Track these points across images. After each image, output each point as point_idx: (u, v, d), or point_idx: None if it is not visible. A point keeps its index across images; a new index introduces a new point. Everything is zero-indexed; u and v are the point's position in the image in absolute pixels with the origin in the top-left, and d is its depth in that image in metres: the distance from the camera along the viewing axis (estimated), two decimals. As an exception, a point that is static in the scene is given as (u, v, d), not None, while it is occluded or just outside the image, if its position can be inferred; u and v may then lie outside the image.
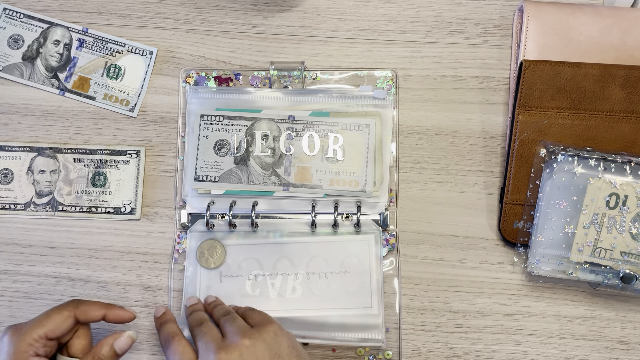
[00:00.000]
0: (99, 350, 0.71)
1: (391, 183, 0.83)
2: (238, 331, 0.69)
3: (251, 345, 0.68)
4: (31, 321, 0.70)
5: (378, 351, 0.81)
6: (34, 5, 0.88)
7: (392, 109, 0.84)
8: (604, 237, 0.78)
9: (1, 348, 0.69)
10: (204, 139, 0.82)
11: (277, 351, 0.69)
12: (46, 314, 0.70)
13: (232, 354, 0.67)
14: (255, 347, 0.68)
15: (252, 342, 0.68)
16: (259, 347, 0.68)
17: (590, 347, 0.82)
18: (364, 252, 0.81)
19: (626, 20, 0.83)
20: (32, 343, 0.68)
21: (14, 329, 0.69)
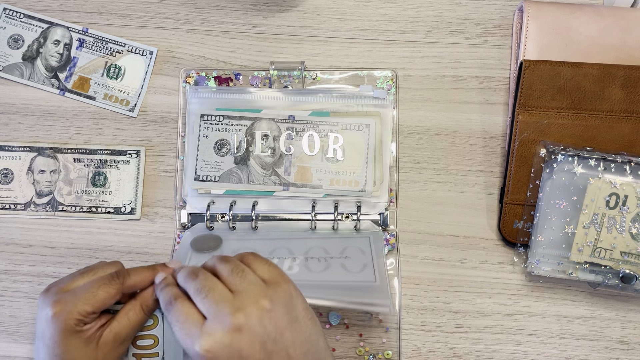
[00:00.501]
0: (146, 299, 0.69)
1: (391, 183, 0.83)
2: (253, 289, 0.62)
3: (271, 308, 0.61)
4: (75, 296, 0.66)
5: (378, 351, 0.81)
6: (34, 5, 0.88)
7: (392, 109, 0.84)
8: (604, 237, 0.78)
9: (45, 324, 0.66)
10: (204, 138, 0.82)
11: (294, 315, 0.63)
12: (91, 291, 0.66)
13: (251, 318, 0.60)
14: (274, 310, 0.61)
15: (272, 304, 0.61)
16: (278, 311, 0.61)
17: (590, 347, 0.82)
18: (365, 244, 0.80)
19: (626, 20, 0.83)
20: (79, 318, 0.65)
21: (58, 305, 0.65)
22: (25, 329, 0.83)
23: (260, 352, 0.60)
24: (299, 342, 0.62)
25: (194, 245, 0.79)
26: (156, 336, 0.71)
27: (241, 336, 0.59)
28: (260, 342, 0.60)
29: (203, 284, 0.63)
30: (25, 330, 0.83)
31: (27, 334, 0.83)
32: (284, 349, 0.61)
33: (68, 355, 0.66)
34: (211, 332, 0.59)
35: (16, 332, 0.83)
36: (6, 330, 0.83)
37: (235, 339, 0.59)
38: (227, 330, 0.59)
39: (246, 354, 0.59)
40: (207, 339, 0.59)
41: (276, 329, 0.61)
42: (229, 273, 0.64)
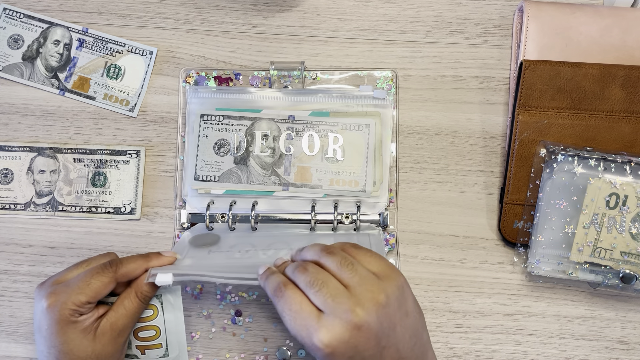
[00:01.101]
0: (140, 286, 0.69)
1: (391, 183, 0.83)
2: (367, 283, 0.61)
3: (386, 304, 0.60)
4: (69, 287, 0.67)
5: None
6: (34, 5, 0.88)
7: (392, 109, 0.84)
8: (604, 237, 0.78)
9: (41, 316, 0.67)
10: (204, 138, 0.82)
11: (405, 309, 0.62)
12: (85, 281, 0.67)
13: (370, 313, 0.59)
14: (389, 306, 0.61)
15: (387, 299, 0.61)
16: (392, 306, 0.61)
17: (590, 347, 0.82)
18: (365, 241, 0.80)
19: (626, 20, 0.82)
20: (74, 309, 0.66)
21: (52, 297, 0.67)
22: (25, 329, 0.83)
23: (374, 347, 0.60)
24: (407, 337, 0.62)
25: (192, 241, 0.79)
26: (157, 327, 0.72)
27: (360, 333, 0.59)
28: (375, 338, 0.60)
29: (315, 277, 0.62)
30: (25, 330, 0.83)
31: (27, 334, 0.83)
32: (395, 344, 0.61)
33: (65, 346, 0.67)
34: (330, 326, 0.59)
35: (16, 332, 0.83)
36: (6, 330, 0.83)
37: (354, 335, 0.59)
38: (347, 326, 0.59)
39: (361, 349, 0.60)
40: (326, 333, 0.59)
41: (390, 324, 0.61)
42: (338, 266, 0.63)
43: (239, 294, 0.83)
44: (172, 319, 0.71)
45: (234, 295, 0.83)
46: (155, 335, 0.72)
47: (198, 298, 0.83)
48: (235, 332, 0.83)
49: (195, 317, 0.83)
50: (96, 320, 0.68)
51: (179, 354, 0.73)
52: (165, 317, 0.71)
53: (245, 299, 0.83)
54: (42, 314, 0.67)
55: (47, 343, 0.67)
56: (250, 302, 0.83)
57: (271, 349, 0.82)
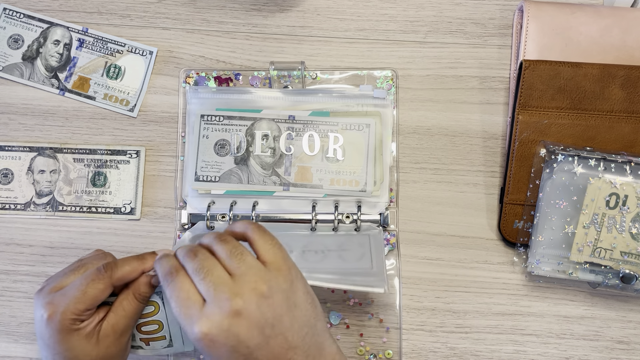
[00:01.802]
0: (138, 288, 0.68)
1: (391, 183, 0.83)
2: (252, 273, 0.61)
3: (269, 295, 0.61)
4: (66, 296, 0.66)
5: (378, 351, 0.82)
6: (34, 5, 0.88)
7: (392, 109, 0.84)
8: (604, 237, 0.78)
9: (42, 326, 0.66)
10: (204, 139, 0.82)
11: (293, 300, 0.62)
12: (81, 290, 0.66)
13: (249, 304, 0.60)
14: (272, 297, 0.61)
15: (270, 291, 0.61)
16: (276, 298, 0.61)
17: (590, 347, 0.82)
18: (365, 240, 0.80)
19: (626, 20, 0.83)
20: (74, 318, 0.65)
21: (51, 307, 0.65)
22: (25, 329, 0.83)
23: (258, 337, 0.60)
24: (297, 327, 0.62)
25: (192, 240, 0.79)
26: (160, 321, 0.71)
27: (239, 321, 0.59)
28: (257, 327, 0.60)
29: (202, 264, 0.62)
30: (25, 330, 0.83)
31: (27, 334, 0.83)
32: (282, 333, 0.61)
33: (70, 352, 0.66)
34: (210, 315, 0.60)
35: (16, 332, 0.83)
36: (6, 330, 0.83)
37: (233, 323, 0.59)
38: (226, 315, 0.59)
39: (244, 338, 0.60)
40: (205, 322, 0.59)
41: (274, 314, 0.61)
42: (227, 255, 0.63)
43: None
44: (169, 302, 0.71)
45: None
46: (158, 329, 0.72)
47: None
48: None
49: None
50: (98, 324, 0.67)
51: (184, 342, 0.73)
52: (167, 312, 0.71)
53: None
54: (43, 324, 0.66)
55: (51, 351, 0.67)
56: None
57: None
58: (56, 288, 0.68)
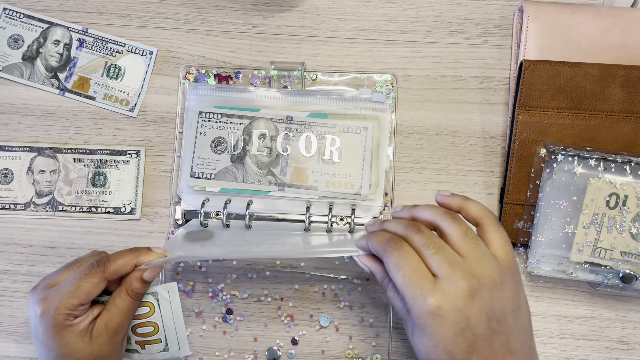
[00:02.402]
0: (130, 284, 0.69)
1: (387, 187, 0.83)
2: (486, 261, 0.60)
3: (501, 287, 0.59)
4: (59, 291, 0.67)
5: (367, 354, 0.82)
6: (34, 5, 0.88)
7: (390, 113, 0.84)
8: (604, 237, 0.77)
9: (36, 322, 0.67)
10: (201, 136, 0.82)
11: (518, 303, 0.62)
12: (74, 283, 0.67)
13: (484, 287, 0.58)
14: (504, 290, 0.60)
15: (502, 283, 0.60)
16: (506, 293, 0.60)
17: (590, 347, 0.81)
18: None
19: (626, 20, 0.82)
20: (67, 313, 0.66)
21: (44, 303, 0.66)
22: (25, 329, 0.83)
23: (485, 326, 0.59)
24: (518, 332, 0.61)
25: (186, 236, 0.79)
26: (155, 323, 0.72)
27: (473, 303, 0.58)
28: (487, 315, 0.59)
29: (431, 239, 0.61)
30: (25, 330, 0.83)
31: (27, 334, 0.83)
32: (505, 332, 0.60)
33: (63, 349, 0.67)
34: (446, 290, 0.58)
35: (16, 332, 0.83)
36: (6, 330, 0.83)
37: (467, 304, 0.58)
38: (461, 293, 0.58)
39: (473, 323, 0.58)
40: (440, 296, 0.58)
41: (502, 309, 0.60)
42: (460, 235, 0.62)
43: (231, 293, 0.83)
44: (169, 315, 0.71)
45: (225, 293, 0.83)
46: (154, 331, 0.72)
47: (190, 295, 0.83)
48: (226, 331, 0.83)
49: (186, 314, 0.83)
50: (92, 322, 0.68)
51: (180, 347, 0.73)
52: (163, 313, 0.71)
53: (237, 298, 0.83)
54: (37, 320, 0.67)
55: (45, 347, 0.67)
56: (242, 301, 0.83)
57: (261, 349, 0.82)
58: (50, 285, 0.69)
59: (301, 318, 0.83)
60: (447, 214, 0.64)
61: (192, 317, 0.83)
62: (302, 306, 0.83)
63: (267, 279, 0.83)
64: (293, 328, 0.83)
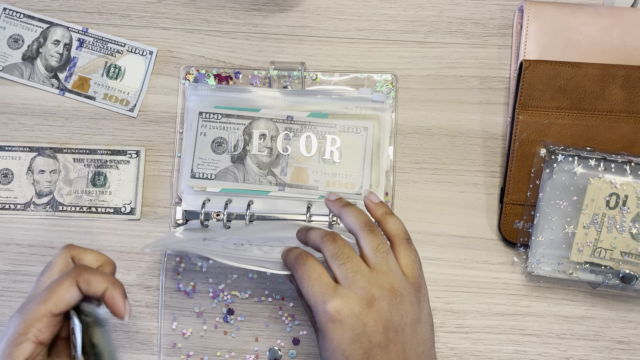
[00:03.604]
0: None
1: (387, 187, 0.83)
2: (392, 275, 0.63)
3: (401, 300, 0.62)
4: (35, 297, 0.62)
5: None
6: (34, 5, 0.88)
7: (390, 113, 0.84)
8: (604, 237, 0.77)
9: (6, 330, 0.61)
10: (202, 136, 0.82)
11: (419, 316, 0.64)
12: (48, 288, 0.61)
13: (383, 298, 0.61)
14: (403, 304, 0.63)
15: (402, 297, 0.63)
16: (406, 306, 0.63)
17: (591, 347, 0.81)
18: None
19: (626, 20, 0.82)
20: (32, 324, 0.60)
21: (20, 308, 0.62)
22: (25, 329, 0.83)
23: (381, 335, 0.61)
24: (416, 342, 0.63)
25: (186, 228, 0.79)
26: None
27: (370, 311, 0.61)
28: (384, 325, 0.61)
29: (342, 250, 0.63)
30: (25, 330, 0.83)
31: (27, 334, 0.83)
32: (402, 342, 0.62)
33: None
34: (345, 296, 0.61)
35: (16, 332, 0.83)
36: (6, 330, 0.83)
37: (364, 311, 0.61)
38: (359, 300, 0.61)
39: (369, 330, 0.61)
40: (340, 301, 0.61)
41: (400, 321, 0.62)
42: (372, 249, 0.64)
43: (232, 293, 0.83)
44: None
45: (226, 293, 0.83)
46: None
47: (190, 296, 0.83)
48: (227, 331, 0.83)
49: (187, 315, 0.83)
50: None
51: None
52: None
53: (237, 298, 0.83)
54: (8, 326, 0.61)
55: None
56: (243, 301, 0.83)
57: (262, 349, 0.82)
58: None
59: (302, 318, 0.83)
60: (365, 226, 0.66)
61: (193, 318, 0.83)
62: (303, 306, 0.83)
63: (268, 279, 0.83)
64: (294, 328, 0.83)
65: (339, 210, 0.69)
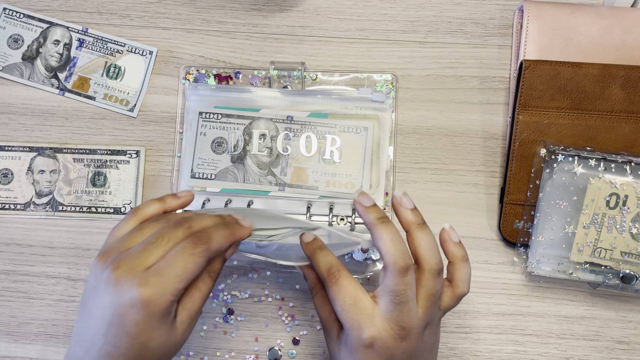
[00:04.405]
0: (213, 266, 0.63)
1: (387, 187, 0.83)
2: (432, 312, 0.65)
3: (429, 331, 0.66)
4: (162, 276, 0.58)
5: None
6: (34, 5, 0.88)
7: (390, 113, 0.84)
8: (604, 237, 0.77)
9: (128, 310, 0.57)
10: (202, 136, 0.82)
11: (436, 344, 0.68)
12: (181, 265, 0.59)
13: (417, 335, 0.63)
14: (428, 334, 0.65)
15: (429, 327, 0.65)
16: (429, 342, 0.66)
17: (591, 347, 0.81)
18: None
19: (626, 20, 0.82)
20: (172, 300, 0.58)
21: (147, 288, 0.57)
22: (25, 329, 0.83)
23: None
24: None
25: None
26: None
27: (401, 344, 0.63)
28: (408, 355, 0.64)
29: (406, 292, 0.63)
30: (25, 330, 0.83)
31: (27, 334, 0.83)
32: None
33: (153, 342, 0.59)
34: (381, 329, 0.63)
35: (16, 332, 0.83)
36: (6, 330, 0.83)
37: (395, 344, 0.63)
38: (394, 335, 0.63)
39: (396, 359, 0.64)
40: (376, 333, 0.62)
41: (422, 353, 0.65)
42: (431, 288, 0.65)
43: (232, 293, 0.83)
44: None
45: (226, 293, 0.83)
46: None
47: None
48: (227, 330, 0.83)
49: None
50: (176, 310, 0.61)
51: None
52: None
53: (237, 298, 0.83)
54: (132, 308, 0.57)
55: (131, 340, 0.58)
56: (243, 301, 0.83)
57: (262, 349, 0.82)
58: (142, 265, 0.59)
59: (302, 318, 0.83)
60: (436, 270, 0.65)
61: (193, 317, 0.83)
62: (303, 306, 0.83)
63: (268, 279, 0.83)
64: (294, 328, 0.83)
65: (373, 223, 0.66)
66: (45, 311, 0.83)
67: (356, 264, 0.82)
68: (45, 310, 0.83)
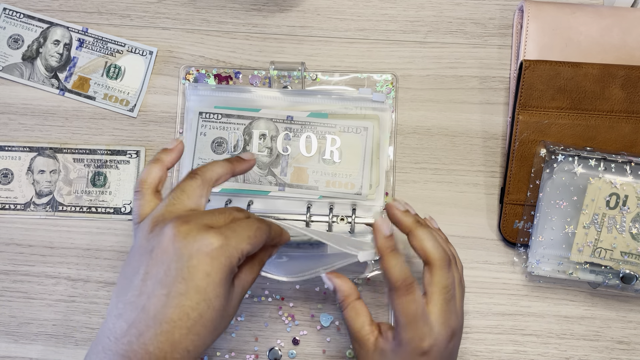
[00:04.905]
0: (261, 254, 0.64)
1: (387, 187, 0.83)
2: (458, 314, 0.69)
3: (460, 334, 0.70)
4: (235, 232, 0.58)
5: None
6: (34, 5, 0.88)
7: (390, 113, 0.84)
8: (604, 237, 0.77)
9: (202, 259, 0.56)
10: (202, 136, 0.82)
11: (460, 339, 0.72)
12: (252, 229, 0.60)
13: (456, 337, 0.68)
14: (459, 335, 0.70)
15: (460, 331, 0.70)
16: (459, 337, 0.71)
17: (591, 347, 0.81)
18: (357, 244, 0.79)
19: (626, 20, 0.82)
20: (239, 257, 0.58)
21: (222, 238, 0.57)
22: (25, 329, 0.83)
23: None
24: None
25: None
26: None
27: (449, 344, 0.67)
28: (450, 353, 0.68)
29: (454, 286, 0.68)
30: (25, 330, 0.83)
31: (27, 334, 0.83)
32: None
33: (216, 302, 0.57)
34: (439, 336, 0.66)
35: (16, 332, 0.83)
36: (6, 330, 0.83)
37: (446, 344, 0.67)
38: (447, 337, 0.66)
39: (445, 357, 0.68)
40: (434, 341, 0.66)
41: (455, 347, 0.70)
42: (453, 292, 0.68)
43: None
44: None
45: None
46: None
47: None
48: (227, 330, 0.83)
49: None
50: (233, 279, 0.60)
51: None
52: None
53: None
54: (205, 256, 0.56)
55: (197, 296, 0.56)
56: (243, 301, 0.83)
57: (262, 349, 0.82)
58: (212, 224, 0.59)
59: (302, 318, 0.83)
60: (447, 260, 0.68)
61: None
62: (303, 306, 0.83)
63: (268, 279, 0.83)
64: (294, 328, 0.83)
65: (412, 226, 0.69)
66: (45, 311, 0.83)
67: (356, 264, 0.82)
68: (45, 310, 0.83)
